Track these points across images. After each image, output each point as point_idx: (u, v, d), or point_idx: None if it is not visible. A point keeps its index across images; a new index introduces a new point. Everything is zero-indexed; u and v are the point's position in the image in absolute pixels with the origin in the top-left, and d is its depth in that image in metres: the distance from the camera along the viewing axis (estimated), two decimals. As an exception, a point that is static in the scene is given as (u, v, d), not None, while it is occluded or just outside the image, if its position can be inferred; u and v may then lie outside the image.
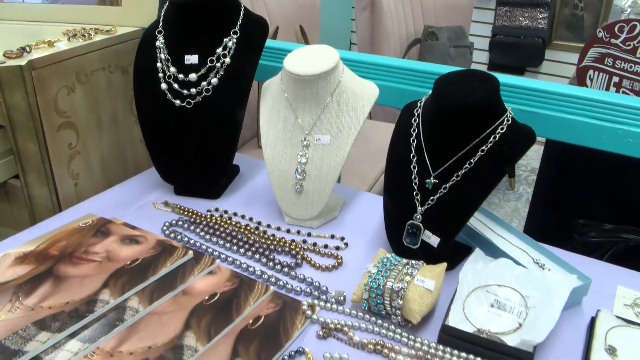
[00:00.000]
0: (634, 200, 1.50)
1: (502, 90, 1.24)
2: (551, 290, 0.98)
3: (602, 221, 1.51)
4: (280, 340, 0.92)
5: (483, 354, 0.90)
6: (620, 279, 1.14)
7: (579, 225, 1.51)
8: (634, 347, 0.92)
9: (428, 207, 1.06)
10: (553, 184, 1.62)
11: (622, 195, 1.51)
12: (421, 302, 0.94)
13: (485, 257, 1.07)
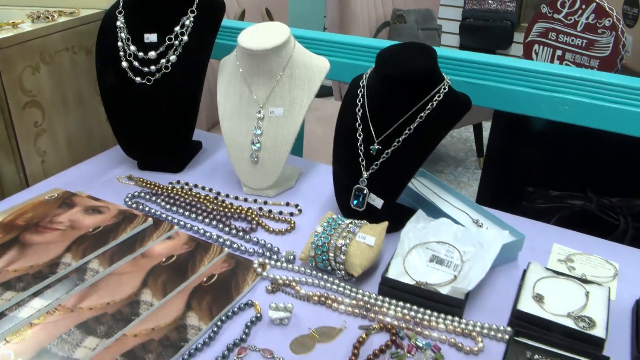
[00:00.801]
0: (579, 167, 1.59)
1: (448, 64, 1.32)
2: (484, 245, 1.05)
3: (550, 188, 1.60)
4: (231, 294, 0.99)
5: (419, 303, 0.98)
6: (557, 238, 1.22)
7: (527, 193, 1.60)
8: (560, 295, 1.00)
9: (372, 171, 1.13)
10: (502, 153, 1.70)
11: (568, 163, 1.60)
12: (362, 256, 1.01)
13: (427, 217, 1.14)
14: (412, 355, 0.89)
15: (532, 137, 1.62)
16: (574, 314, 0.94)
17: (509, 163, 1.70)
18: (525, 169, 1.66)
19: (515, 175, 1.69)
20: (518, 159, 1.67)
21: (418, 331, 0.93)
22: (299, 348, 0.89)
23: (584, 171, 1.56)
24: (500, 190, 1.72)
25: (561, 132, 1.59)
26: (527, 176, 1.65)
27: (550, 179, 1.61)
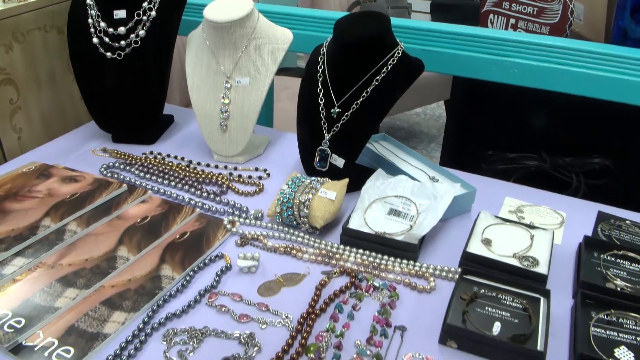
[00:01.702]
0: (534, 129, 1.67)
1: (406, 33, 1.39)
2: (438, 197, 1.13)
3: (508, 151, 1.68)
4: (202, 249, 1.06)
5: (377, 250, 1.06)
6: (509, 192, 1.31)
7: (487, 156, 1.68)
8: (507, 239, 1.08)
9: (334, 133, 1.21)
10: (462, 119, 1.78)
11: (524, 126, 1.69)
12: (324, 209, 1.09)
13: (386, 175, 1.22)
14: (370, 294, 0.97)
15: (489, 102, 1.71)
16: (519, 255, 1.03)
17: (469, 128, 1.78)
18: (484, 134, 1.75)
19: (475, 139, 1.78)
20: (477, 124, 1.76)
21: (376, 274, 1.01)
22: (266, 292, 0.97)
23: (539, 133, 1.65)
24: (461, 155, 1.80)
25: (517, 97, 1.67)
26: (486, 140, 1.73)
27: (508, 141, 1.70)
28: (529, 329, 0.86)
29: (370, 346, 0.86)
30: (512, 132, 1.72)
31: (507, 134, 1.71)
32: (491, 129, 1.72)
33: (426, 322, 0.91)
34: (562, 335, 0.90)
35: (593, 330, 0.88)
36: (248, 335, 0.87)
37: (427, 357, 0.84)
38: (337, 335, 0.87)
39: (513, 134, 1.70)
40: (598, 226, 1.20)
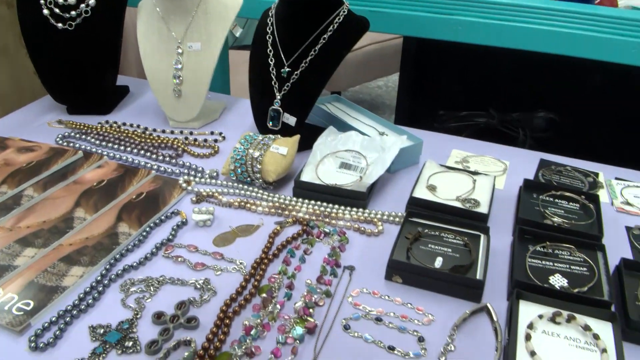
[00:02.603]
0: (483, 87, 1.73)
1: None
2: (386, 149, 1.18)
3: (458, 109, 1.74)
4: (158, 207, 1.09)
5: (328, 200, 1.10)
6: (456, 145, 1.36)
7: (439, 116, 1.74)
8: (450, 184, 1.13)
9: (285, 92, 1.24)
10: (413, 80, 1.83)
11: (473, 84, 1.74)
12: (276, 164, 1.12)
13: (337, 132, 1.26)
14: (321, 240, 1.01)
15: (438, 64, 1.76)
16: (461, 197, 1.08)
17: (420, 90, 1.83)
18: (435, 95, 1.80)
19: (427, 101, 1.83)
20: (428, 86, 1.81)
21: (327, 222, 1.05)
22: (221, 242, 1.00)
23: (487, 91, 1.71)
24: (414, 117, 1.86)
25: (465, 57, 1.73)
26: (438, 101, 1.79)
27: (459, 101, 1.75)
28: (469, 261, 0.92)
29: (321, 285, 0.90)
30: (462, 92, 1.77)
31: (458, 94, 1.76)
32: (442, 90, 1.78)
33: (374, 262, 0.95)
34: (502, 268, 0.95)
35: (529, 261, 0.94)
36: (203, 281, 0.90)
37: (374, 292, 0.89)
38: (289, 276, 0.91)
39: (463, 93, 1.76)
40: (539, 172, 1.26)
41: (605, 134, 1.59)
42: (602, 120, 1.61)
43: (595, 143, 1.55)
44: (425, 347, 0.80)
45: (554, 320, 0.81)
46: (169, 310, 0.84)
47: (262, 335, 0.81)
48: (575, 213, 1.08)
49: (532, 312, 0.82)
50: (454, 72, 1.73)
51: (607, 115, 1.61)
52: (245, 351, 0.77)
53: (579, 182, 1.23)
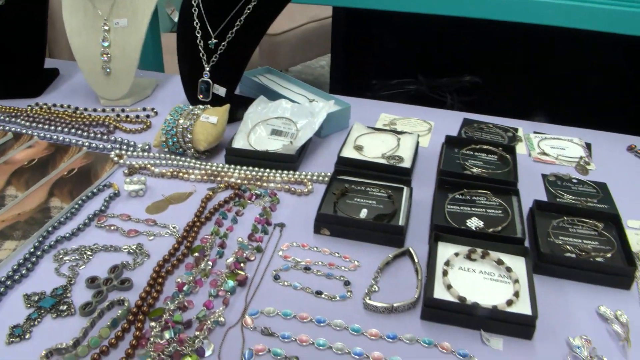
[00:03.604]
0: (412, 55, 1.79)
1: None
2: (314, 114, 1.22)
3: (390, 78, 1.79)
4: (90, 181, 1.10)
5: (259, 165, 1.13)
6: (385, 109, 1.41)
7: (371, 85, 1.78)
8: (376, 144, 1.18)
9: (213, 64, 1.26)
10: (345, 49, 1.88)
11: (402, 53, 1.80)
12: (206, 133, 1.14)
13: (267, 100, 1.29)
14: (252, 201, 1.04)
15: (368, 35, 1.80)
16: (386, 155, 1.13)
17: (353, 60, 1.88)
18: (367, 65, 1.85)
19: (360, 71, 1.87)
20: (359, 57, 1.85)
21: (258, 185, 1.09)
22: (154, 210, 1.02)
23: (417, 59, 1.76)
24: (349, 87, 1.90)
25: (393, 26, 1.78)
26: (370, 70, 1.83)
27: (390, 69, 1.80)
28: (392, 210, 0.97)
29: (252, 242, 0.94)
30: (393, 61, 1.82)
31: (389, 63, 1.81)
32: (374, 61, 1.82)
33: (303, 218, 0.99)
34: (424, 216, 1.01)
35: (448, 207, 0.99)
36: (136, 246, 0.92)
37: (303, 244, 0.93)
38: (221, 236, 0.94)
39: (394, 63, 1.81)
40: (462, 129, 1.32)
41: (526, 93, 1.67)
42: (524, 80, 1.69)
43: (517, 102, 1.62)
44: (351, 290, 0.84)
45: (469, 257, 0.87)
46: (104, 275, 0.85)
47: (195, 291, 0.84)
48: (493, 164, 1.14)
49: (450, 252, 0.88)
50: (384, 42, 1.78)
51: (527, 76, 1.69)
52: (178, 306, 0.80)
53: (499, 137, 1.30)
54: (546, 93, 1.65)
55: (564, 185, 1.13)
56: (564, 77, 1.63)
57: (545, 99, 1.63)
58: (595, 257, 0.89)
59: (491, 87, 1.70)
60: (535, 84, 1.66)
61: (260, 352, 0.74)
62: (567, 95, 1.62)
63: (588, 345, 0.77)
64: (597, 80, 1.59)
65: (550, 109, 1.45)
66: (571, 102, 1.57)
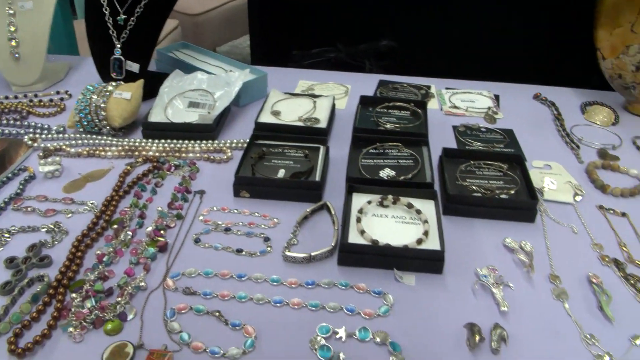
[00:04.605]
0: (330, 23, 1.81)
1: None
2: (231, 84, 1.23)
3: (312, 47, 1.81)
4: (4, 166, 1.08)
5: (178, 137, 1.13)
6: (303, 76, 1.43)
7: (293, 56, 1.80)
8: (293, 108, 1.20)
9: (124, 40, 1.25)
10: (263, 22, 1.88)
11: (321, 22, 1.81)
12: (120, 109, 1.14)
13: (183, 74, 1.29)
14: (172, 172, 1.05)
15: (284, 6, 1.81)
16: (303, 118, 1.16)
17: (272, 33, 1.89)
18: (287, 36, 1.86)
19: (280, 42, 1.89)
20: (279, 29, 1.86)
21: (177, 156, 1.09)
22: (72, 188, 1.02)
23: (335, 26, 1.79)
24: (270, 59, 1.91)
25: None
26: (291, 41, 1.85)
27: (310, 39, 1.82)
28: (308, 168, 0.99)
29: (172, 210, 0.95)
30: (311, 31, 1.84)
31: (307, 33, 1.83)
32: (292, 32, 1.84)
33: (223, 184, 1.01)
34: (341, 172, 1.04)
35: (362, 161, 1.03)
36: (54, 224, 0.92)
37: (223, 208, 0.95)
38: (140, 207, 0.95)
39: (312, 33, 1.83)
40: (378, 90, 1.36)
41: (439, 53, 1.73)
42: (437, 41, 1.75)
43: (431, 62, 1.68)
44: (271, 245, 0.87)
45: (382, 204, 0.91)
46: (23, 255, 0.85)
47: (115, 261, 0.84)
48: (406, 119, 1.19)
49: (364, 201, 0.91)
50: (303, 12, 1.80)
51: (440, 36, 1.75)
52: (98, 276, 0.80)
53: (413, 95, 1.35)
54: (458, 51, 1.71)
55: (473, 134, 1.18)
56: (473, 35, 1.70)
57: (457, 57, 1.69)
58: (499, 194, 0.94)
59: (407, 50, 1.75)
60: (447, 44, 1.72)
61: (182, 310, 0.75)
62: (477, 52, 1.68)
63: (494, 273, 0.82)
64: (505, 36, 1.67)
65: (462, 67, 1.51)
66: (482, 59, 1.64)
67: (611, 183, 1.05)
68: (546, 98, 1.37)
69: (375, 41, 1.73)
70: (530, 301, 0.79)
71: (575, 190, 1.02)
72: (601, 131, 1.25)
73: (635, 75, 1.25)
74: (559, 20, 1.67)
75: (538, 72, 1.53)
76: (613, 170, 1.11)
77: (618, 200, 1.03)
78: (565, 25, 1.64)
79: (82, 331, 0.72)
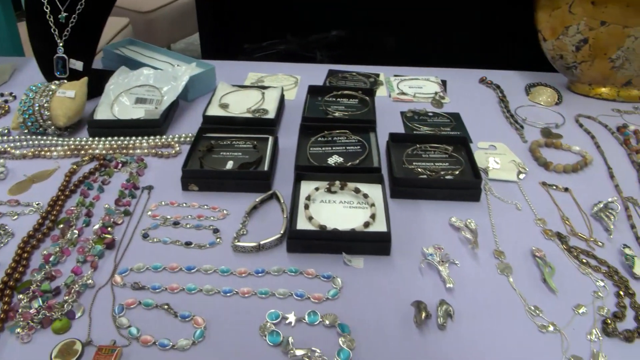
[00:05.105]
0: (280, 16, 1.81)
1: None
2: (177, 78, 1.22)
3: (263, 40, 1.81)
4: (-55, 170, 1.05)
5: (124, 133, 1.12)
6: (252, 68, 1.43)
7: (244, 50, 1.80)
8: (242, 100, 1.20)
9: (66, 38, 1.23)
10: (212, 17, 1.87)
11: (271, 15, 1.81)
12: (65, 108, 1.12)
13: (129, 70, 1.27)
14: (119, 169, 1.04)
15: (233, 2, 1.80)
16: (251, 109, 1.16)
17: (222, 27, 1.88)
18: (237, 30, 1.85)
19: (230, 37, 1.88)
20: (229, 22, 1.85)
21: (124, 153, 1.08)
22: (17, 190, 1.00)
23: (285, 18, 1.79)
24: (220, 54, 1.90)
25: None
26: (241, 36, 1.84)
27: (260, 33, 1.82)
28: (256, 158, 1.00)
29: (120, 206, 0.94)
30: (261, 24, 1.84)
31: (258, 26, 1.83)
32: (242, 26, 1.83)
33: (172, 179, 1.00)
34: (291, 161, 1.04)
35: (310, 149, 1.04)
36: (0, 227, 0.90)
37: (172, 202, 0.95)
38: (87, 206, 0.94)
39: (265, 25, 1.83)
40: (327, 80, 1.37)
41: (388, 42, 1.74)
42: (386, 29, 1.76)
43: (381, 51, 1.69)
44: (220, 237, 0.87)
45: (329, 190, 0.92)
46: (-34, 262, 0.83)
47: (62, 260, 0.83)
48: (354, 106, 1.20)
49: (312, 188, 0.92)
50: (252, 6, 1.79)
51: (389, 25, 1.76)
52: (45, 276, 0.79)
53: (362, 83, 1.36)
54: (407, 40, 1.73)
55: (420, 119, 1.20)
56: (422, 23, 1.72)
57: (406, 45, 1.71)
58: (444, 175, 0.96)
59: (357, 40, 1.76)
60: (396, 32, 1.74)
61: (131, 305, 0.75)
62: (425, 40, 1.71)
63: (440, 252, 0.84)
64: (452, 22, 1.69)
65: (411, 54, 1.53)
66: (430, 46, 1.67)
67: (554, 160, 1.08)
68: (492, 81, 1.40)
69: (326, 32, 1.73)
70: (475, 277, 0.81)
71: (519, 169, 1.04)
72: (545, 111, 1.29)
73: (576, 55, 1.29)
74: (503, 5, 1.70)
75: (485, 57, 1.56)
76: (556, 147, 1.14)
77: (561, 176, 1.06)
78: (509, 9, 1.68)
79: (29, 331, 0.71)
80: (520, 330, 0.73)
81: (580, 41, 1.26)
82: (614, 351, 0.70)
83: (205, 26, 1.90)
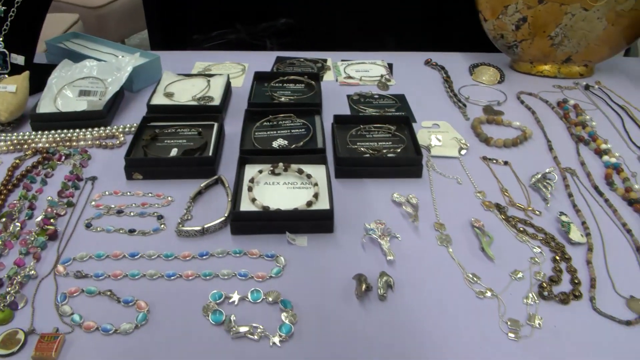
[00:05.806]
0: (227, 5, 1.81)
1: None
2: (121, 69, 1.21)
3: (212, 30, 1.80)
4: None
5: (65, 126, 1.11)
6: (199, 58, 1.43)
7: (193, 40, 1.79)
8: (187, 89, 1.20)
9: (5, 32, 1.20)
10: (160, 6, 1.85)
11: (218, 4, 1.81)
12: (6, 102, 1.10)
13: (72, 63, 1.26)
14: (62, 162, 1.03)
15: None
16: (196, 97, 1.16)
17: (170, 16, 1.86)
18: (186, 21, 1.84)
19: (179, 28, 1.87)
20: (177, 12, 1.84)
21: (68, 145, 1.07)
22: (-44, 187, 0.98)
23: (234, 8, 1.79)
24: (170, 45, 1.89)
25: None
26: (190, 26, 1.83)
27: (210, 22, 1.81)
28: (201, 145, 1.00)
29: (63, 198, 0.93)
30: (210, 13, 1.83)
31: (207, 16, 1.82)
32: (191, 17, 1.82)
33: (116, 169, 1.00)
34: (237, 147, 1.05)
35: (255, 133, 1.05)
36: (-63, 225, 0.88)
37: (115, 191, 0.94)
38: (30, 199, 0.93)
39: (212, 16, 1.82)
40: (274, 66, 1.38)
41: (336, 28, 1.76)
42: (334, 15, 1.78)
43: (329, 37, 1.71)
44: (164, 223, 0.87)
45: (273, 172, 0.93)
46: None
47: (5, 253, 0.82)
48: (301, 91, 1.21)
49: (255, 171, 0.93)
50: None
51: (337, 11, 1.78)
52: (-14, 270, 0.78)
53: (309, 69, 1.37)
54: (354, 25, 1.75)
55: (366, 102, 1.22)
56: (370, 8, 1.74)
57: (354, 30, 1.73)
58: (387, 153, 0.98)
59: (305, 27, 1.77)
60: (344, 18, 1.76)
61: (73, 293, 0.75)
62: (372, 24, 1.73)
63: (381, 226, 0.86)
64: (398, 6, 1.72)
65: (359, 39, 1.55)
66: (377, 31, 1.69)
67: (495, 136, 1.11)
68: (436, 63, 1.43)
69: (274, 20, 1.74)
70: (416, 249, 0.83)
71: (460, 145, 1.07)
72: (488, 90, 1.32)
73: (516, 34, 1.32)
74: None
75: (430, 39, 1.59)
76: (497, 124, 1.17)
77: (501, 150, 1.09)
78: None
79: (-29, 325, 0.71)
80: (459, 297, 0.75)
81: (520, 20, 1.29)
82: (550, 314, 0.73)
83: (153, 18, 1.89)
